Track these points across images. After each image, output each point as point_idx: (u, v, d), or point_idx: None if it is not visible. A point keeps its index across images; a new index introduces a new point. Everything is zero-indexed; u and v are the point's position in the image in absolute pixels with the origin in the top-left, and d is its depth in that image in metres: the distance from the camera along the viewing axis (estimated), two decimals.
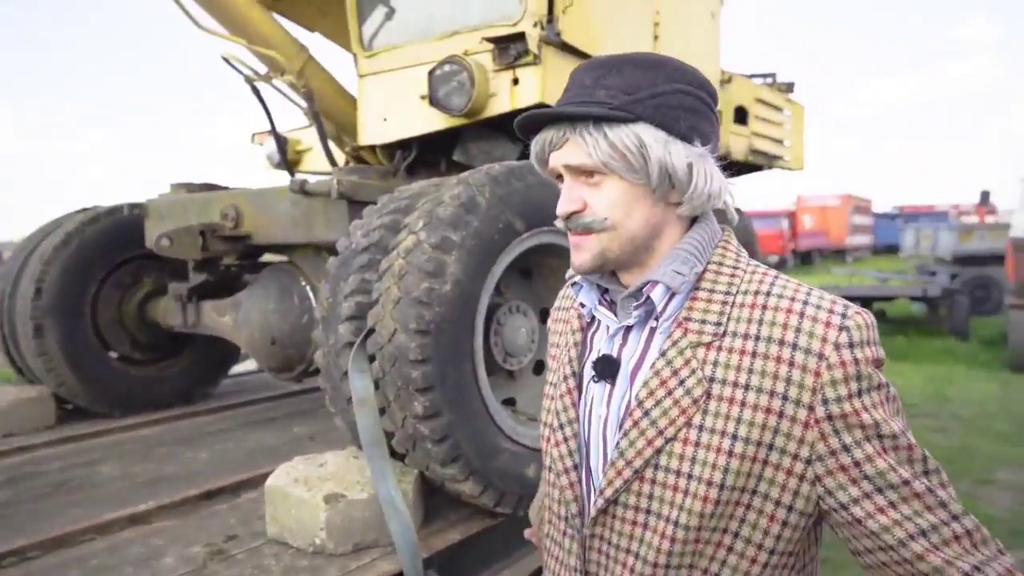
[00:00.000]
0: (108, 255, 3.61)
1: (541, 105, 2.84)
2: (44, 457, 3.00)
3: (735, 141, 4.38)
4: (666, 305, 0.90)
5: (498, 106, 2.91)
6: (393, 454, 2.29)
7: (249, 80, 3.41)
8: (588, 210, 0.88)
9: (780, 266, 25.45)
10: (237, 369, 4.67)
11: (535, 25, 2.80)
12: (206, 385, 4.13)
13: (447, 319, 2.12)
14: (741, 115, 4.45)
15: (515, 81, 2.85)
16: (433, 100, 2.94)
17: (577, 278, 0.98)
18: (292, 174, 4.07)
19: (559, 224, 0.92)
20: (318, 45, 4.12)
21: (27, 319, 3.36)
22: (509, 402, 2.73)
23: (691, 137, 0.86)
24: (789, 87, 5.25)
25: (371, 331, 2.17)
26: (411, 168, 3.38)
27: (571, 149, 0.86)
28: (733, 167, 4.77)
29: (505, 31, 2.80)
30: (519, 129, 0.93)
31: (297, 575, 1.95)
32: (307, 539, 2.07)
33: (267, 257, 3.53)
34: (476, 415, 2.21)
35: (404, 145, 3.31)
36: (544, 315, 2.84)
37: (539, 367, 2.83)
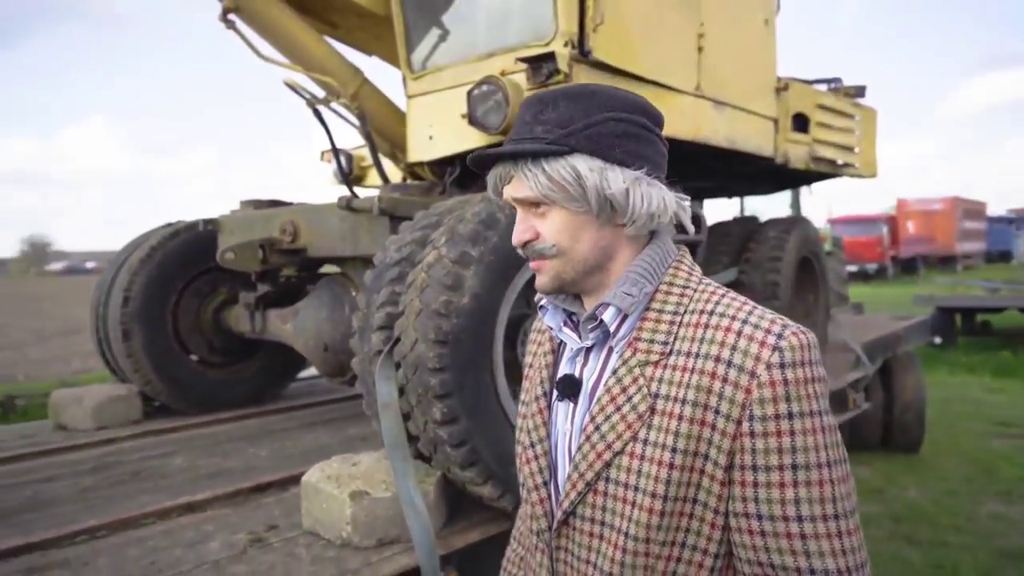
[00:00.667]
0: (187, 267, 3.96)
1: None
2: (126, 448, 3.34)
3: (794, 149, 4.29)
4: (619, 326, 0.94)
5: None
6: (420, 456, 2.44)
7: (310, 103, 3.66)
8: (539, 238, 0.95)
9: (879, 274, 24.12)
10: (308, 372, 4.96)
11: (566, 44, 2.89)
12: (275, 387, 4.44)
13: (465, 330, 2.24)
14: (801, 123, 4.36)
15: None
16: (472, 119, 3.08)
17: (543, 301, 1.05)
18: (351, 189, 4.31)
19: (520, 252, 0.99)
20: (376, 68, 4.34)
21: (117, 324, 3.74)
22: None
23: (629, 161, 0.90)
24: (859, 91, 5.07)
25: (397, 340, 2.32)
26: (462, 182, 3.54)
27: (516, 184, 0.94)
28: (793, 176, 4.68)
29: (538, 51, 2.91)
30: (473, 166, 1.00)
31: (323, 564, 2.11)
32: (335, 532, 2.24)
33: (325, 268, 3.77)
34: (494, 422, 2.32)
35: (450, 161, 3.47)
36: None
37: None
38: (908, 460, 6.07)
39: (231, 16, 3.24)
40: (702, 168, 4.29)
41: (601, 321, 0.94)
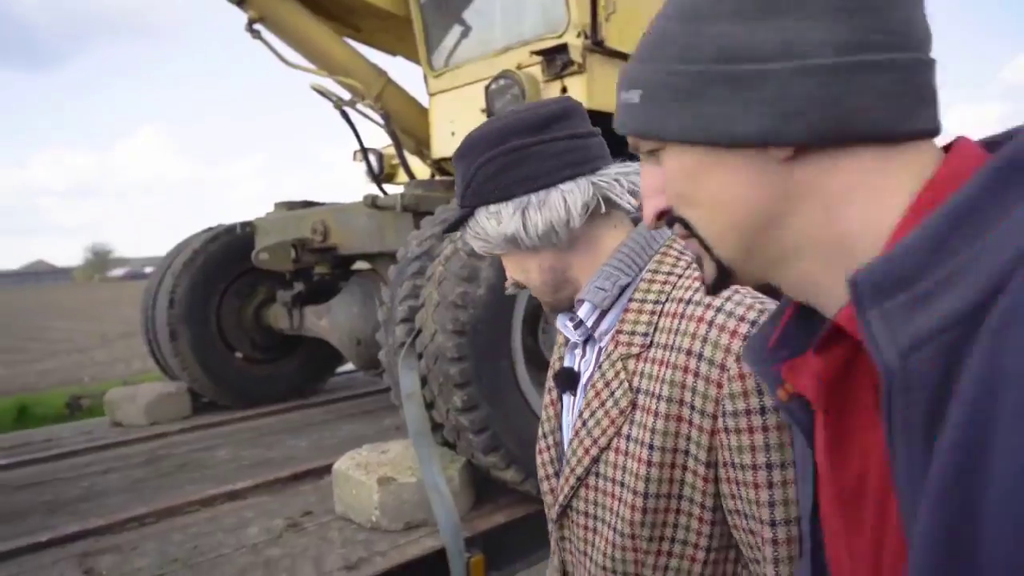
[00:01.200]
0: (227, 268, 4.12)
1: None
2: (176, 442, 3.52)
3: None
4: (599, 319, 0.93)
5: None
6: (445, 443, 2.52)
7: (337, 106, 3.77)
8: (510, 278, 0.99)
9: None
10: (346, 367, 5.12)
11: (578, 35, 2.92)
12: (315, 381, 4.60)
13: (482, 320, 2.31)
14: None
15: (563, 90, 2.99)
16: (490, 113, 3.13)
17: None
18: (381, 188, 4.41)
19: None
20: (400, 68, 4.43)
21: (164, 326, 3.93)
22: None
23: (514, 191, 0.90)
24: None
25: (419, 332, 2.41)
26: None
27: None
28: None
29: (551, 43, 2.95)
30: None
31: (354, 547, 2.22)
32: (365, 516, 2.34)
33: (357, 265, 3.89)
34: (515, 408, 2.39)
35: None
36: None
37: None
38: None
39: (256, 26, 3.36)
40: None
41: (579, 318, 0.94)
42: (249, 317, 4.25)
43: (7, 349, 13.85)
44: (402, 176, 4.87)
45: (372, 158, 4.63)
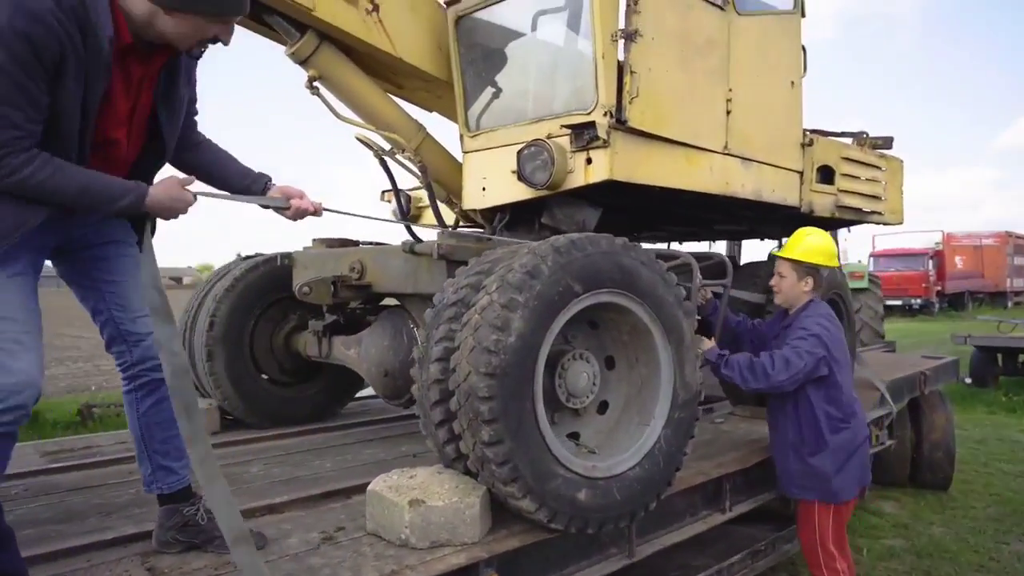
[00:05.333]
0: (264, 296, 4.44)
1: (609, 181, 3.33)
2: None
3: (819, 199, 4.61)
4: None
5: (575, 180, 3.42)
6: (468, 472, 2.82)
7: (378, 155, 4.15)
8: None
9: (924, 309, 23.81)
10: (362, 393, 5.41)
11: (605, 114, 3.29)
12: (335, 406, 4.89)
13: (511, 365, 2.62)
14: (827, 174, 4.68)
15: (588, 160, 3.35)
16: (521, 175, 3.49)
17: None
18: (412, 232, 4.75)
19: None
20: (435, 122, 4.80)
21: (203, 346, 4.24)
22: (574, 436, 3.18)
23: None
24: (886, 142, 5.36)
25: (453, 371, 2.72)
26: (510, 226, 3.97)
27: None
28: (823, 222, 4.98)
29: (580, 119, 3.32)
30: None
31: (385, 561, 2.50)
32: (395, 534, 2.63)
33: (386, 301, 4.22)
34: (534, 444, 2.69)
35: (500, 209, 3.89)
36: (608, 362, 3.28)
37: (603, 407, 3.26)
38: (936, 497, 6.20)
39: (316, 84, 3.73)
40: (736, 216, 4.63)
41: None
42: (280, 342, 4.55)
43: None
44: (427, 217, 5.25)
45: (403, 200, 5.00)
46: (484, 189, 3.86)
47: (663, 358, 3.12)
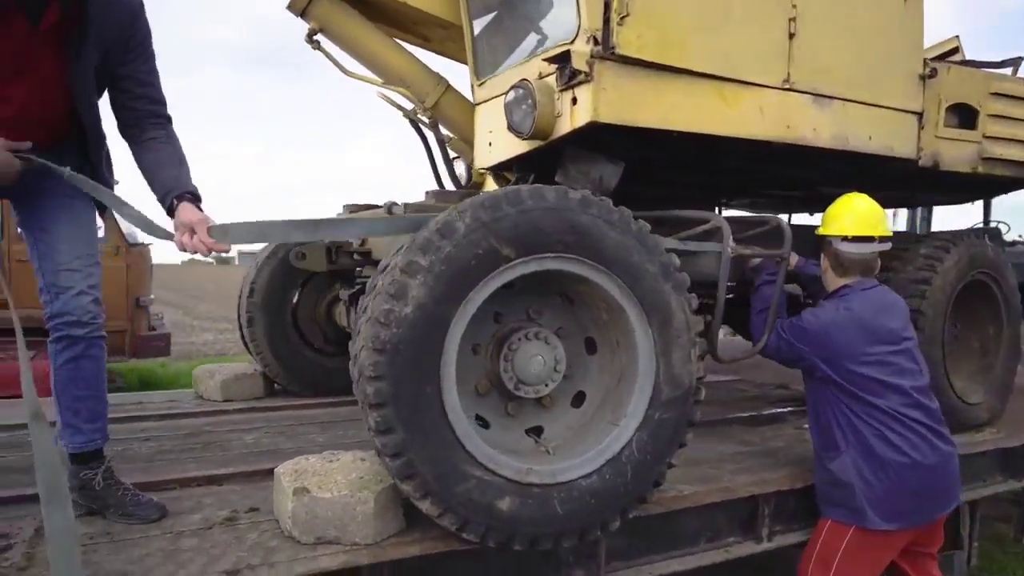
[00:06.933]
0: None
1: (593, 124, 2.71)
2: (222, 421, 3.81)
3: (950, 148, 3.48)
4: None
5: (564, 127, 2.84)
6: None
7: (406, 114, 3.85)
8: None
9: None
10: None
11: (588, 41, 2.68)
12: None
13: (404, 340, 2.20)
14: (966, 116, 3.51)
15: (574, 100, 2.77)
16: (509, 125, 2.99)
17: None
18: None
19: None
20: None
21: (244, 312, 4.29)
22: (536, 430, 2.66)
23: None
24: None
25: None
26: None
27: None
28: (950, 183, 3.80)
29: (560, 50, 2.74)
30: None
31: (253, 552, 2.20)
32: (284, 524, 2.35)
33: None
34: (436, 437, 2.24)
35: (509, 167, 3.41)
36: (589, 344, 2.70)
37: (579, 399, 2.70)
38: None
39: (316, 37, 3.52)
40: (830, 172, 3.67)
41: None
42: (322, 312, 4.49)
43: None
44: (490, 185, 4.86)
45: (461, 168, 4.65)
46: (490, 144, 3.40)
47: (641, 343, 2.49)
